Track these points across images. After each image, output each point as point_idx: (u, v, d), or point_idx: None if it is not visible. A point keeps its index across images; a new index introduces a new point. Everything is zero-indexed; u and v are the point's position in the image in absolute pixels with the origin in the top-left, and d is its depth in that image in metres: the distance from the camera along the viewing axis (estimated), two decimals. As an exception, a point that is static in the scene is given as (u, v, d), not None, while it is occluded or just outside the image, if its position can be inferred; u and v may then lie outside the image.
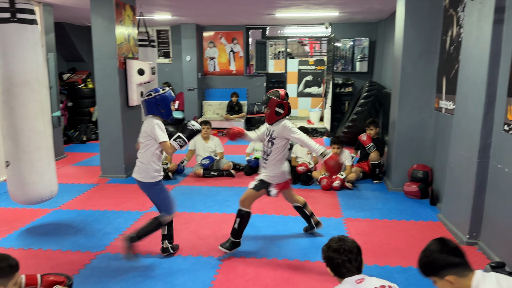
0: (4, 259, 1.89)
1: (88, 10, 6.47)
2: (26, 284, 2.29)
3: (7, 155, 3.65)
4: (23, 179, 3.62)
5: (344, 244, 2.01)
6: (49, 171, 3.77)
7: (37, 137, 3.65)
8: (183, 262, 3.23)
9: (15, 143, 3.58)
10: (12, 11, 3.47)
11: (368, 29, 9.12)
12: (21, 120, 3.57)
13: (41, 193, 3.72)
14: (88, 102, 8.91)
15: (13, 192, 3.71)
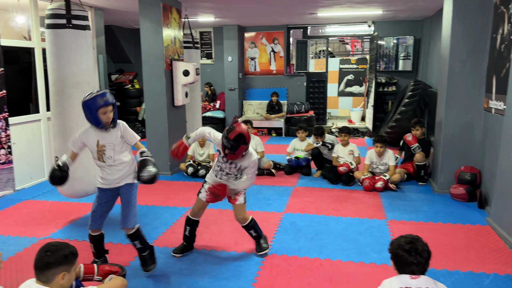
0: (66, 247, 2.03)
1: (135, 13, 6.77)
2: (84, 273, 2.45)
3: (57, 151, 3.90)
4: (71, 174, 3.84)
5: (416, 246, 1.99)
6: (94, 167, 3.98)
7: (85, 136, 3.88)
8: (227, 257, 3.33)
9: (65, 140, 3.80)
10: (68, 18, 3.71)
11: (413, 27, 8.89)
12: (71, 119, 3.80)
13: (85, 188, 3.96)
14: (134, 102, 9.28)
15: (62, 187, 3.96)
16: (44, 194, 5.03)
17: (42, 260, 1.94)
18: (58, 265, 1.95)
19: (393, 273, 2.20)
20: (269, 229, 3.90)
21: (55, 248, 1.97)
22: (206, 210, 4.40)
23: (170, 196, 4.92)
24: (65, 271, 1.98)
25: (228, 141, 2.97)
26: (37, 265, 1.96)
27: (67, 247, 2.03)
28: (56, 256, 1.95)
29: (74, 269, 2.06)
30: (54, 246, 1.99)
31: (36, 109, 5.65)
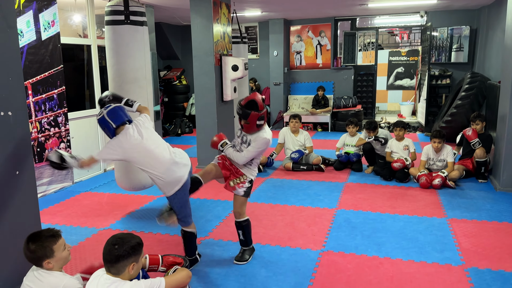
0: (133, 238, 2.07)
1: (185, 9, 6.87)
2: (149, 264, 2.51)
3: None
4: (129, 167, 3.95)
5: None
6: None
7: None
8: (282, 252, 3.30)
9: (121, 134, 3.91)
10: (126, 14, 3.79)
11: (469, 17, 8.43)
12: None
13: (142, 181, 4.03)
14: (182, 98, 9.46)
15: (119, 179, 4.08)
16: (100, 187, 5.22)
17: (111, 254, 1.97)
18: (127, 257, 1.99)
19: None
20: (323, 225, 3.84)
21: (122, 241, 2.00)
22: (257, 204, 4.43)
23: (221, 189, 4.90)
24: (134, 262, 2.02)
25: (240, 108, 2.97)
26: (107, 259, 1.99)
27: (133, 238, 2.06)
28: (124, 248, 1.98)
29: (141, 258, 2.10)
30: (121, 239, 2.01)
31: (92, 105, 5.87)
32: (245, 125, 3.04)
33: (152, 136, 2.81)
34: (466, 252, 3.21)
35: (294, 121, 5.99)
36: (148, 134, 2.78)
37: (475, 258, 3.10)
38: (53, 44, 4.91)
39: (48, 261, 2.11)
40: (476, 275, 2.86)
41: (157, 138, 2.88)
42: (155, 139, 2.81)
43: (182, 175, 2.81)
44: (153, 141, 2.77)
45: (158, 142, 2.82)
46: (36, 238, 2.12)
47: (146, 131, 2.77)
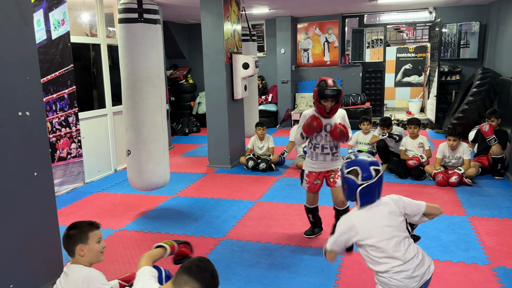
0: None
1: (192, 7, 6.81)
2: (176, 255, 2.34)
3: (128, 144, 3.95)
4: (142, 167, 3.90)
5: None
6: (164, 160, 4.02)
7: (156, 129, 3.90)
8: (303, 253, 3.24)
9: (136, 134, 3.86)
10: (140, 12, 3.73)
11: (479, 12, 8.34)
12: (143, 113, 3.83)
13: (156, 181, 3.98)
14: (188, 97, 9.40)
15: (132, 179, 4.02)
16: (112, 187, 5.17)
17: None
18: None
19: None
20: (341, 224, 3.77)
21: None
22: (272, 204, 4.37)
23: (234, 189, 4.91)
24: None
25: (331, 90, 3.10)
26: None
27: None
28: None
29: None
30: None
31: (102, 104, 5.82)
32: (335, 107, 3.17)
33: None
34: (492, 251, 3.15)
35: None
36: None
37: (502, 257, 3.04)
38: (63, 43, 4.86)
39: (81, 247, 2.15)
40: (504, 274, 2.80)
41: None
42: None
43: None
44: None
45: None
46: (76, 225, 2.22)
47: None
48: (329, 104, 3.13)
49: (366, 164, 2.09)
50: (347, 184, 2.11)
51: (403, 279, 2.01)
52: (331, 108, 3.14)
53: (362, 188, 2.06)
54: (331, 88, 3.10)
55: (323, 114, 3.18)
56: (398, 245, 2.02)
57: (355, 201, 2.12)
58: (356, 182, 2.07)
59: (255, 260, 3.12)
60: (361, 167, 2.09)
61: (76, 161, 5.16)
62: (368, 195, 2.09)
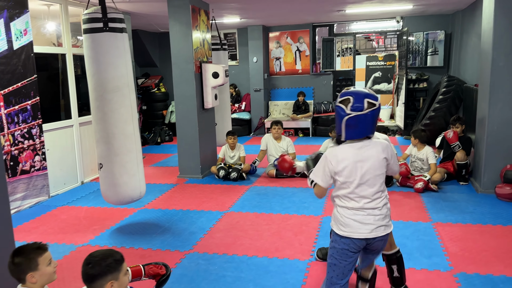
0: (109, 255, 1.97)
1: (162, 16, 6.75)
2: (132, 276, 2.37)
3: (100, 157, 3.84)
4: (115, 180, 3.80)
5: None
6: (138, 172, 3.93)
7: (127, 140, 3.81)
8: (269, 264, 3.22)
9: (108, 146, 3.76)
10: (104, 21, 3.66)
11: (444, 21, 8.60)
12: (113, 124, 3.74)
13: (131, 194, 3.86)
14: (161, 106, 9.30)
15: (106, 193, 3.91)
16: (78, 200, 5.04)
17: (87, 274, 1.91)
18: (103, 276, 1.90)
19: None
20: (309, 233, 3.78)
21: (96, 260, 1.93)
22: (241, 214, 4.34)
23: (203, 200, 4.86)
24: (112, 280, 1.92)
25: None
26: (84, 279, 1.93)
27: (109, 256, 1.97)
28: (98, 267, 1.90)
29: (123, 274, 2.00)
30: (95, 257, 1.94)
31: (67, 115, 5.68)
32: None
33: None
34: (454, 257, 3.21)
35: (277, 127, 5.96)
36: None
37: (463, 263, 3.10)
38: (25, 53, 4.72)
39: (32, 275, 2.02)
40: (465, 281, 2.85)
41: None
42: None
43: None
44: None
45: None
46: (21, 251, 2.05)
47: None
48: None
49: (360, 95, 1.98)
50: (337, 115, 2.03)
51: (353, 222, 2.08)
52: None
53: (349, 118, 1.96)
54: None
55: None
56: (367, 191, 2.06)
57: (340, 135, 2.05)
58: (345, 111, 1.97)
59: (221, 274, 3.07)
60: (355, 97, 1.97)
61: (40, 174, 5.00)
62: (355, 128, 1.99)
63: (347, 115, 1.97)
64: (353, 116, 1.96)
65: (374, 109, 1.99)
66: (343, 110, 1.98)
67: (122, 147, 3.77)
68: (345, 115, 1.97)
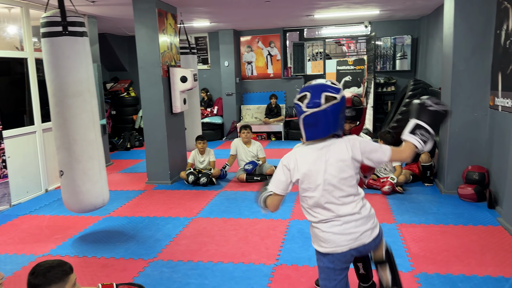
0: (56, 266, 1.91)
1: (129, 20, 6.64)
2: None
3: (61, 164, 3.74)
4: (77, 187, 3.70)
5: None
6: (101, 179, 3.84)
7: (89, 147, 3.72)
8: (234, 269, 3.19)
9: (69, 153, 3.66)
10: (64, 25, 3.58)
11: (410, 26, 8.83)
12: (74, 130, 3.65)
13: (94, 201, 3.78)
14: (130, 110, 9.15)
15: (67, 201, 3.80)
16: (41, 209, 4.88)
17: (30, 283, 1.87)
18: (46, 287, 1.86)
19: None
20: (276, 237, 3.78)
21: (40, 270, 1.88)
22: (209, 220, 4.30)
23: (171, 206, 4.79)
24: None
25: (349, 110, 2.42)
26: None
27: (56, 266, 1.91)
28: (42, 277, 1.85)
29: (70, 286, 1.94)
30: (40, 267, 1.89)
31: (30, 121, 5.50)
32: (355, 129, 2.59)
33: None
34: (415, 257, 3.27)
35: (246, 131, 5.94)
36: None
37: (424, 263, 3.16)
38: (-17, 57, 4.55)
39: None
40: (425, 281, 2.91)
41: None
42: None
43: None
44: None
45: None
46: None
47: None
48: (348, 126, 2.61)
49: (318, 89, 1.78)
50: (296, 113, 1.86)
51: (332, 235, 1.85)
52: (349, 131, 2.65)
53: (306, 116, 1.77)
54: (348, 108, 2.50)
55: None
56: (334, 197, 1.83)
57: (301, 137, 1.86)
58: (302, 108, 1.79)
59: (184, 281, 3.02)
60: (312, 92, 1.78)
61: (0, 182, 4.82)
62: (314, 127, 1.80)
63: (304, 112, 1.79)
64: (309, 114, 1.77)
65: (335, 103, 1.77)
66: (300, 108, 1.80)
67: (84, 153, 3.68)
68: (302, 113, 1.79)
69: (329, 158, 1.84)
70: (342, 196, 1.85)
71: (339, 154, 1.84)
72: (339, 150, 1.84)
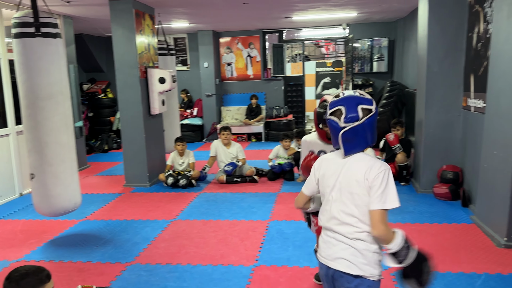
0: (32, 273, 1.86)
1: (106, 20, 6.55)
2: None
3: (32, 168, 3.65)
4: (48, 191, 3.63)
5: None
6: (73, 182, 3.77)
7: (62, 150, 3.65)
8: (214, 271, 3.18)
9: (40, 156, 3.59)
10: (37, 26, 3.50)
11: (387, 29, 8.98)
12: (46, 133, 3.58)
13: (65, 205, 3.72)
14: (108, 112, 9.01)
15: (38, 204, 3.72)
16: (15, 213, 4.75)
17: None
18: None
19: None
20: (256, 238, 3.79)
21: (15, 276, 1.82)
22: (189, 222, 4.28)
23: (150, 209, 4.74)
24: None
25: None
26: None
27: (32, 273, 1.86)
28: (14, 284, 1.79)
29: None
30: (16, 273, 1.83)
31: (4, 124, 5.35)
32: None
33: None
34: (392, 256, 3.32)
35: (225, 133, 5.93)
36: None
37: (400, 261, 3.21)
38: (-48, 58, 4.41)
39: None
40: (401, 278, 2.96)
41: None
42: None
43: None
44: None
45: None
46: None
47: None
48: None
49: (352, 103, 1.71)
50: (331, 128, 1.76)
51: (322, 243, 1.84)
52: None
53: (345, 132, 1.69)
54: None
55: (324, 140, 2.73)
56: (338, 208, 1.75)
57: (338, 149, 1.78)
58: (338, 124, 1.71)
59: (163, 285, 3.00)
60: (347, 106, 1.71)
61: (-29, 186, 4.68)
62: (353, 142, 1.71)
63: (342, 128, 1.69)
64: (349, 129, 1.69)
65: (372, 115, 1.70)
66: (336, 124, 1.71)
67: (55, 157, 3.61)
68: (340, 129, 1.69)
69: (348, 168, 1.75)
70: (345, 211, 1.74)
71: (356, 168, 1.72)
72: (357, 164, 1.73)
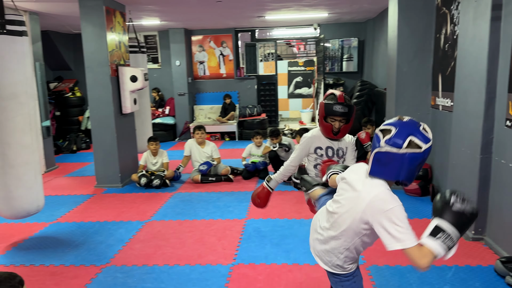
0: (4, 280, 1.79)
1: (74, 17, 6.38)
2: None
3: None
4: (10, 193, 3.49)
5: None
6: (36, 184, 3.64)
7: (24, 151, 3.51)
8: (191, 271, 3.16)
9: (2, 157, 3.43)
10: (1, 23, 3.36)
11: (357, 29, 9.17)
12: (8, 134, 3.43)
13: (27, 208, 3.58)
14: (76, 111, 8.76)
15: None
16: (-21, 217, 4.55)
17: None
18: None
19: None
20: (233, 237, 3.79)
21: None
22: (164, 222, 4.23)
23: (123, 210, 4.65)
24: None
25: (342, 105, 2.48)
26: None
27: (1, 281, 1.78)
28: None
29: None
30: None
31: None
32: (344, 128, 2.57)
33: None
34: (366, 251, 3.37)
35: (200, 132, 5.89)
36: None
37: (375, 256, 3.31)
38: None
39: None
40: (376, 273, 3.04)
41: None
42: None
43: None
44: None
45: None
46: None
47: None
48: (338, 124, 2.54)
49: (406, 129, 1.57)
50: (372, 143, 1.67)
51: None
52: (339, 129, 2.56)
53: (379, 152, 1.59)
54: (341, 104, 2.48)
55: (329, 135, 2.63)
56: (329, 209, 1.84)
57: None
58: (379, 141, 1.61)
59: (140, 286, 2.95)
60: (398, 129, 1.58)
61: None
62: (384, 167, 1.59)
63: (379, 147, 1.60)
64: (384, 152, 1.58)
65: (417, 152, 1.56)
66: (378, 140, 1.61)
67: (18, 158, 3.47)
68: (377, 147, 1.61)
69: (360, 191, 1.68)
70: (328, 220, 1.85)
71: (361, 199, 1.65)
72: (362, 199, 1.65)
